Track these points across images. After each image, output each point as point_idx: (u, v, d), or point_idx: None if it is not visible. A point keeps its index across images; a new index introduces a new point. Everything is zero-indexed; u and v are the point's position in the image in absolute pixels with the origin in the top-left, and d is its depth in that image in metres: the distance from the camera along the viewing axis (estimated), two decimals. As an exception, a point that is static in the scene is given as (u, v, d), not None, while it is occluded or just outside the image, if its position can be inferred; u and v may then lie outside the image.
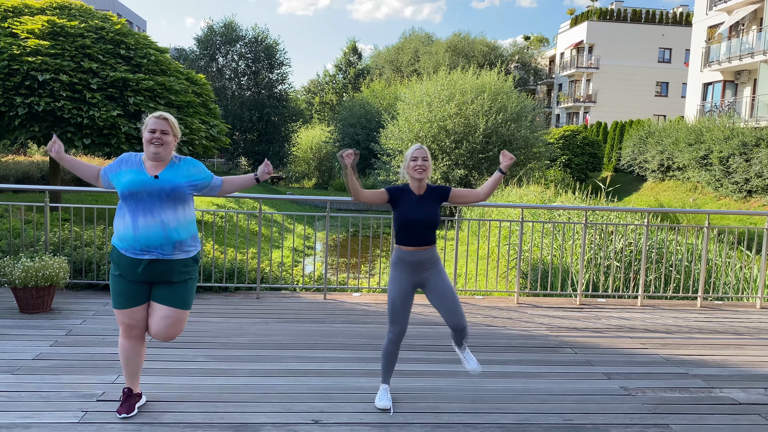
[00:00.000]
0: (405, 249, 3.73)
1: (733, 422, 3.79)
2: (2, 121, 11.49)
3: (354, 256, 13.41)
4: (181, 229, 3.40)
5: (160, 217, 3.33)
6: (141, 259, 3.33)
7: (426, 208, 3.71)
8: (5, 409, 3.56)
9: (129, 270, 3.36)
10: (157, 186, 3.33)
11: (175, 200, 3.38)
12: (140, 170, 3.38)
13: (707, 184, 23.58)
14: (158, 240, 3.32)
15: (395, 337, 3.78)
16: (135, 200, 3.32)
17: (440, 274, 3.79)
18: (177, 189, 3.38)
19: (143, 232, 3.31)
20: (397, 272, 3.76)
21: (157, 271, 3.37)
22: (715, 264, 8.04)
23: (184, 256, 3.43)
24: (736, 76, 28.84)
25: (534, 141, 26.84)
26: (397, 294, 3.74)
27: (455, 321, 3.75)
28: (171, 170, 3.43)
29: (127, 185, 3.33)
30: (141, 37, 13.80)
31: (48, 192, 6.40)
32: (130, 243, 3.33)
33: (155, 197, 3.33)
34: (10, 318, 5.33)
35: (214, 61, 42.42)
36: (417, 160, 3.71)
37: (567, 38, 48.27)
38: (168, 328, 3.45)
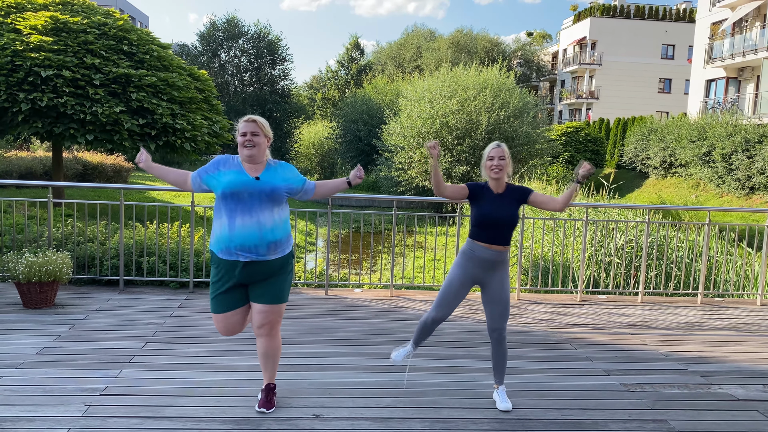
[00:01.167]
0: (480, 244, 3.72)
1: (731, 418, 3.82)
2: (5, 116, 11.53)
3: (355, 253, 13.44)
4: (276, 229, 3.43)
5: (258, 217, 3.37)
6: (237, 261, 3.39)
7: (504, 208, 3.71)
8: (10, 402, 3.60)
9: (228, 273, 3.43)
10: (258, 187, 3.38)
11: (273, 201, 3.43)
12: (241, 171, 3.43)
13: (710, 181, 23.56)
14: (253, 240, 3.36)
15: (434, 320, 3.85)
16: (235, 200, 3.37)
17: (503, 279, 3.80)
18: (276, 191, 3.42)
19: (239, 231, 3.35)
20: (466, 260, 3.77)
21: (254, 272, 3.43)
22: (716, 261, 8.05)
23: (280, 255, 3.48)
24: (739, 73, 28.77)
25: (536, 137, 26.82)
26: (457, 278, 3.76)
27: (495, 326, 3.79)
28: (270, 172, 3.48)
29: (229, 185, 3.36)
30: (143, 33, 13.82)
31: (51, 188, 6.44)
32: (225, 243, 3.38)
33: (255, 198, 3.38)
34: (14, 313, 5.37)
35: (216, 56, 42.44)
36: (493, 159, 3.70)
37: (570, 34, 48.17)
38: (265, 319, 3.52)
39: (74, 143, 12.14)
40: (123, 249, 6.43)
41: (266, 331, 3.56)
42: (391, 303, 6.39)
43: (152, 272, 6.64)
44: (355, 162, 40.00)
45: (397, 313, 5.99)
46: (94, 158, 22.37)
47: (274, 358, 3.66)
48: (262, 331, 3.56)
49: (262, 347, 3.62)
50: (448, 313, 3.83)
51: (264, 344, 3.61)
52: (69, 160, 20.59)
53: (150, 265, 6.64)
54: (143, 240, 6.86)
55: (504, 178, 3.77)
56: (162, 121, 12.50)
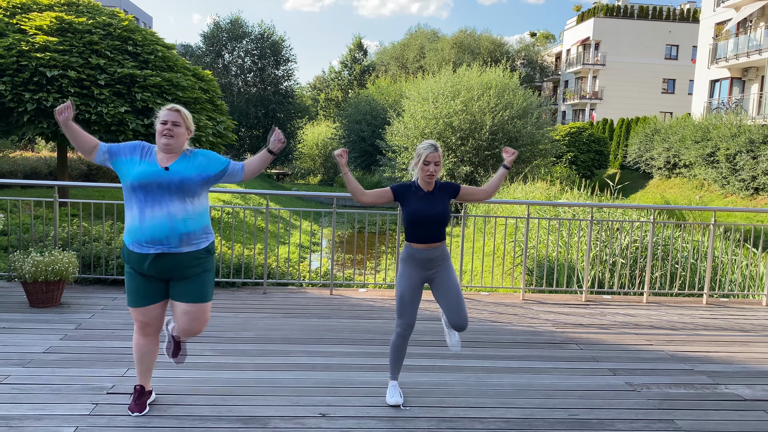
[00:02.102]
0: (415, 246, 3.72)
1: (738, 418, 3.81)
2: (11, 117, 11.57)
3: (360, 253, 13.45)
4: (189, 220, 3.32)
5: (168, 208, 3.27)
6: (147, 253, 3.28)
7: (435, 205, 3.70)
8: (17, 401, 3.61)
9: (137, 265, 3.33)
10: (166, 178, 3.27)
11: (185, 192, 3.31)
12: (152, 162, 3.33)
13: (714, 182, 23.50)
14: (163, 231, 3.25)
15: (403, 330, 3.78)
16: (144, 192, 3.27)
17: (448, 271, 3.80)
18: (187, 181, 3.30)
19: (149, 223, 3.25)
20: (407, 268, 3.77)
21: (166, 266, 3.31)
22: (721, 261, 8.03)
23: (194, 249, 3.36)
24: (744, 73, 28.70)
25: (540, 138, 26.79)
26: (405, 288, 3.75)
27: (457, 320, 3.76)
28: (182, 162, 3.36)
29: (138, 177, 3.26)
30: (148, 33, 13.86)
31: (56, 187, 6.45)
32: (136, 236, 3.28)
33: (164, 189, 3.26)
34: (20, 312, 5.38)
35: (220, 57, 42.51)
36: (429, 165, 3.65)
37: (573, 35, 48.11)
38: (191, 323, 3.41)
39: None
40: (128, 248, 6.43)
41: (192, 334, 3.46)
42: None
43: (157, 272, 6.64)
44: (359, 162, 40.04)
45: (402, 312, 5.99)
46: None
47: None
48: (187, 335, 3.46)
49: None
50: (413, 319, 3.78)
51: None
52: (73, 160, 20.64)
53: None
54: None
55: (435, 177, 3.74)
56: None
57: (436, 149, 3.68)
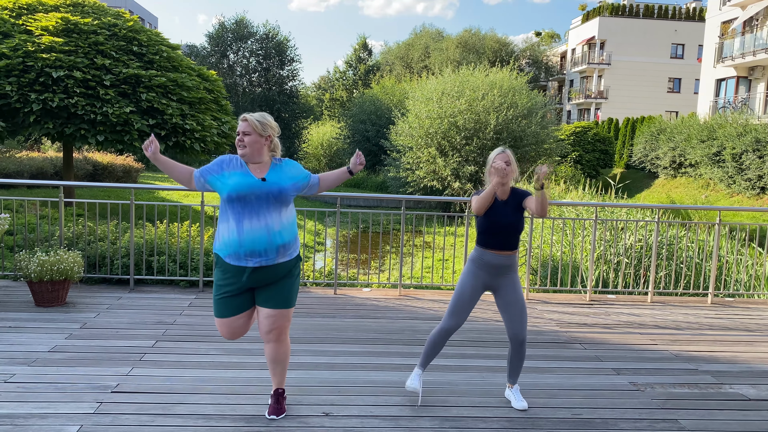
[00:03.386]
0: (489, 251, 3.71)
1: (742, 418, 3.80)
2: (17, 117, 11.63)
3: (364, 252, 13.46)
4: (284, 231, 3.36)
5: (266, 220, 3.28)
6: (245, 266, 3.30)
7: (510, 214, 3.69)
8: (22, 399, 3.63)
9: (235, 278, 3.34)
10: (265, 189, 3.29)
11: (281, 203, 3.34)
12: (246, 173, 3.34)
13: (720, 181, 23.41)
14: (263, 244, 3.28)
15: (447, 330, 3.78)
16: (242, 203, 3.27)
17: (515, 282, 3.77)
18: (284, 191, 3.34)
19: (248, 236, 3.26)
20: (475, 268, 3.76)
21: (262, 277, 3.36)
22: (726, 261, 8.00)
23: (288, 259, 3.41)
24: (750, 72, 28.58)
25: (545, 137, 26.75)
26: (468, 287, 3.74)
27: (516, 331, 3.74)
28: (276, 172, 3.39)
29: (235, 188, 3.27)
30: (153, 33, 13.90)
31: (62, 187, 6.49)
32: (234, 248, 3.28)
33: (263, 200, 3.28)
34: (26, 311, 5.41)
35: (225, 57, 42.60)
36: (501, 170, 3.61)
37: (578, 34, 48.00)
38: (272, 325, 3.44)
39: (85, 144, 12.22)
40: (133, 248, 6.47)
41: (274, 337, 3.47)
42: (400, 302, 6.40)
43: (162, 271, 6.68)
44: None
45: (405, 312, 6.00)
46: (104, 158, 22.50)
47: (283, 363, 3.58)
48: (270, 337, 3.47)
49: (271, 353, 3.52)
50: (461, 322, 3.78)
51: (272, 350, 3.52)
52: (79, 161, 20.73)
53: (160, 265, 6.68)
54: (153, 239, 6.90)
55: (509, 184, 3.75)
56: (172, 122, 12.57)
57: (505, 152, 3.68)
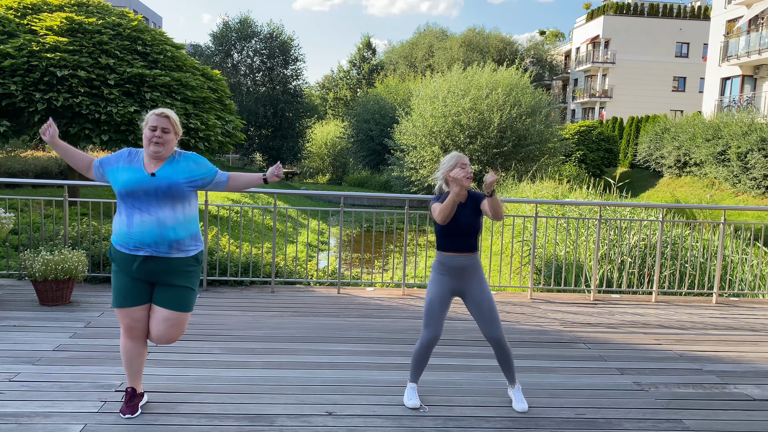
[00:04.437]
0: (446, 254, 3.70)
1: (747, 418, 3.78)
2: (22, 116, 11.67)
3: (367, 252, 13.46)
4: (179, 227, 3.29)
5: (157, 214, 3.24)
6: (135, 255, 3.25)
7: (468, 216, 3.67)
8: (27, 398, 3.65)
9: (125, 265, 3.29)
10: (153, 184, 3.23)
11: (173, 198, 3.28)
12: (139, 168, 3.29)
13: (725, 180, 23.33)
14: (152, 237, 3.23)
15: (428, 342, 3.73)
16: (132, 198, 3.24)
17: (481, 283, 3.75)
18: (174, 186, 3.27)
19: (138, 228, 3.23)
20: (438, 275, 3.75)
21: (154, 269, 3.29)
22: (731, 260, 7.97)
23: (183, 255, 3.33)
24: (755, 71, 28.45)
25: (549, 136, 26.70)
26: (435, 295, 3.72)
27: (490, 331, 3.71)
28: (169, 167, 3.32)
29: (124, 184, 3.24)
30: (157, 33, 13.93)
31: (67, 187, 6.50)
32: (124, 240, 3.26)
33: (152, 195, 3.23)
34: (30, 310, 5.43)
35: (229, 57, 42.64)
36: (465, 167, 3.61)
37: (583, 33, 47.88)
38: (168, 330, 3.38)
39: (89, 143, 12.25)
40: (137, 247, 6.47)
41: (166, 342, 3.43)
42: (403, 302, 6.40)
43: (166, 270, 6.68)
44: (368, 162, 40.05)
45: (409, 312, 6.00)
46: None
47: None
48: (160, 341, 3.42)
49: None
50: (439, 331, 3.74)
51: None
52: (84, 160, 20.76)
53: (164, 264, 6.67)
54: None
55: None
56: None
57: (462, 157, 3.66)
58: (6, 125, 11.30)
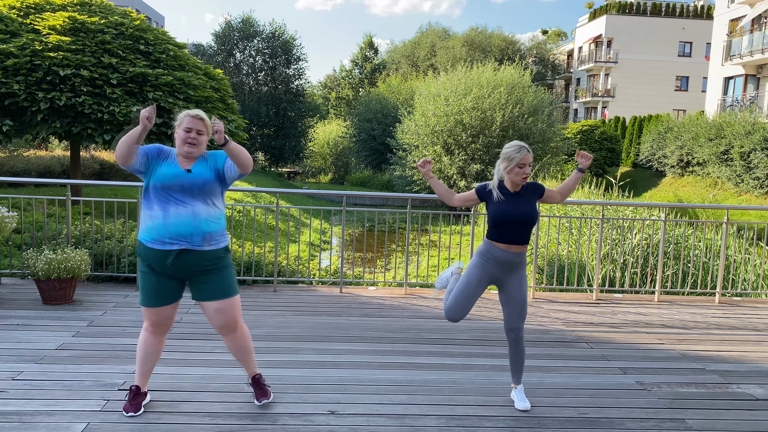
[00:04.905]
0: (498, 245, 3.66)
1: (750, 418, 3.77)
2: (25, 116, 11.68)
3: (370, 251, 13.46)
4: (211, 221, 3.40)
5: (192, 207, 3.35)
6: (170, 250, 3.32)
7: (522, 205, 3.63)
8: (30, 396, 3.65)
9: (158, 263, 3.34)
10: (189, 180, 3.35)
11: (206, 194, 3.40)
12: (174, 163, 3.41)
13: (727, 180, 23.28)
14: (188, 228, 3.31)
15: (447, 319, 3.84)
16: (167, 192, 3.34)
17: (521, 280, 3.73)
18: (208, 183, 3.40)
19: (174, 220, 3.31)
20: (484, 261, 3.71)
21: (187, 264, 3.36)
22: (733, 260, 7.96)
23: (213, 248, 3.42)
24: (759, 70, 28.39)
25: (551, 135, 26.67)
26: (475, 278, 3.71)
27: (513, 325, 3.74)
28: (203, 165, 3.45)
29: (161, 178, 3.34)
30: (160, 32, 13.93)
31: (69, 186, 6.51)
32: (159, 232, 3.31)
33: (187, 191, 3.35)
34: (33, 309, 5.44)
35: (231, 56, 42.65)
36: (524, 167, 3.58)
37: (585, 32, 47.81)
38: (225, 318, 3.47)
39: (92, 142, 12.26)
40: (140, 246, 6.48)
41: (230, 329, 3.51)
42: (406, 301, 6.40)
43: (169, 269, 6.69)
44: (370, 161, 40.04)
45: (411, 311, 6.00)
46: (111, 157, 22.58)
47: (247, 349, 3.62)
48: (226, 330, 3.49)
49: (233, 344, 3.57)
50: (462, 316, 3.78)
51: (232, 341, 3.56)
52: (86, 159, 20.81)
53: (166, 263, 6.68)
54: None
55: None
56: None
57: (528, 151, 3.61)
58: (9, 124, 11.32)
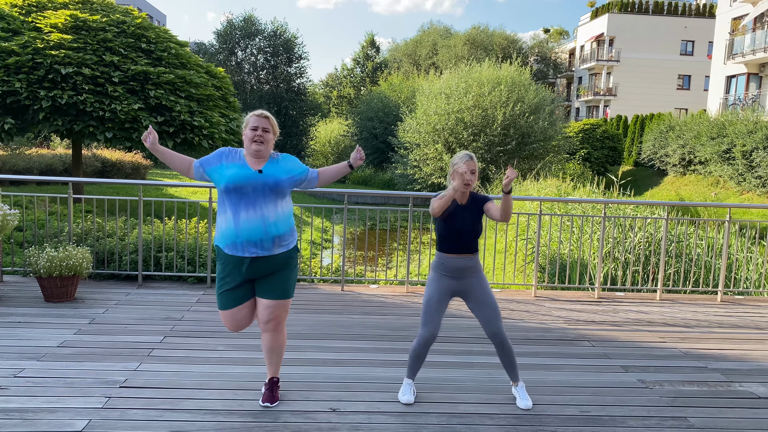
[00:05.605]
0: (446, 255, 3.72)
1: (752, 416, 3.77)
2: (27, 114, 11.69)
3: (371, 249, 13.46)
4: (280, 222, 3.44)
5: (262, 211, 3.39)
6: (243, 257, 3.40)
7: (468, 219, 3.69)
8: (32, 394, 3.66)
9: (235, 269, 3.44)
10: (261, 180, 3.39)
11: (277, 195, 3.44)
12: (244, 165, 3.44)
13: (729, 179, 23.24)
14: (259, 234, 3.37)
15: (425, 340, 3.74)
16: (239, 194, 3.38)
17: (481, 282, 3.77)
18: (279, 184, 3.43)
19: (244, 226, 3.37)
20: (437, 275, 3.76)
21: (260, 268, 3.45)
22: (735, 259, 7.94)
23: (284, 250, 3.49)
24: (761, 69, 28.33)
25: (553, 134, 26.63)
26: (433, 293, 3.73)
27: (492, 329, 3.73)
28: (272, 165, 3.48)
29: (232, 179, 3.38)
30: (161, 30, 13.93)
31: (71, 184, 6.52)
32: (231, 239, 3.39)
33: (259, 192, 3.39)
34: (35, 306, 5.45)
35: (233, 55, 42.67)
36: (465, 174, 3.64)
37: (587, 31, 47.74)
38: (271, 314, 3.54)
39: (93, 141, 12.27)
40: (142, 244, 6.50)
41: (273, 327, 3.58)
42: (407, 299, 6.39)
43: (170, 267, 6.70)
44: (372, 160, 40.05)
45: (412, 309, 5.99)
46: (112, 155, 22.62)
47: (279, 352, 3.68)
48: (268, 326, 3.58)
49: (268, 342, 3.63)
50: (437, 329, 3.75)
51: (270, 339, 3.62)
52: (88, 157, 20.83)
53: (168, 261, 6.70)
54: (161, 236, 6.92)
55: (469, 189, 3.72)
56: (180, 119, 12.60)
57: (472, 158, 3.67)
58: (11, 123, 11.33)
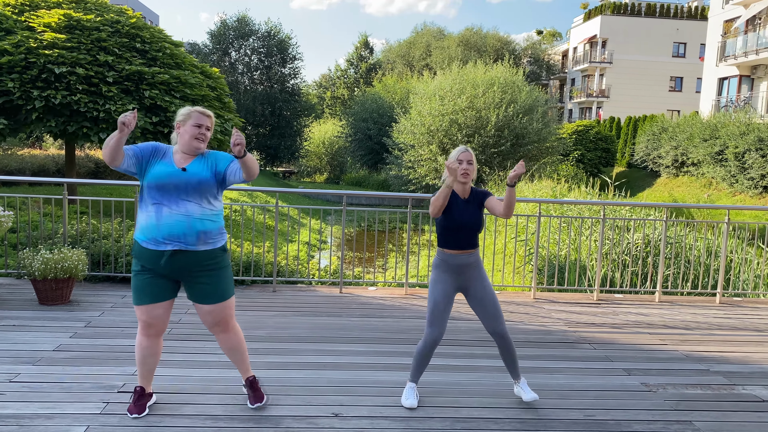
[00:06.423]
0: (448, 252, 3.69)
1: (757, 419, 3.75)
2: (19, 114, 11.57)
3: (368, 251, 13.42)
4: (206, 220, 3.34)
5: (186, 207, 3.29)
6: (164, 250, 3.27)
7: (471, 213, 3.67)
8: (28, 399, 3.59)
9: (152, 262, 3.30)
10: (184, 178, 3.30)
11: (201, 193, 3.34)
12: (170, 162, 3.36)
13: (722, 180, 23.35)
14: (181, 228, 3.26)
15: (432, 341, 3.71)
16: (161, 192, 3.29)
17: (482, 279, 3.75)
18: (203, 182, 3.34)
19: (166, 220, 3.26)
20: (440, 273, 3.73)
21: (182, 264, 3.31)
22: (732, 260, 7.95)
23: (209, 248, 3.36)
24: (753, 71, 28.49)
25: (547, 135, 26.68)
26: (440, 294, 3.70)
27: (494, 326, 3.71)
28: (199, 163, 3.39)
29: (155, 177, 3.29)
30: (156, 30, 13.84)
31: (66, 185, 6.43)
32: (152, 233, 3.27)
33: (182, 190, 3.29)
34: (30, 309, 5.37)
35: (226, 55, 42.53)
36: (462, 163, 3.64)
37: (580, 32, 47.90)
38: (215, 318, 3.45)
39: (87, 141, 12.16)
40: (137, 246, 6.41)
41: (222, 329, 3.49)
42: (406, 301, 6.35)
43: (166, 269, 6.62)
44: (366, 161, 40.01)
45: (412, 311, 5.95)
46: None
47: (240, 350, 3.59)
48: (217, 330, 3.49)
49: (224, 343, 3.55)
50: (444, 329, 3.72)
51: (224, 341, 3.54)
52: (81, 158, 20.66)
53: (164, 263, 6.62)
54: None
55: (470, 183, 3.72)
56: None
57: (467, 150, 3.68)
58: (3, 123, 11.20)
